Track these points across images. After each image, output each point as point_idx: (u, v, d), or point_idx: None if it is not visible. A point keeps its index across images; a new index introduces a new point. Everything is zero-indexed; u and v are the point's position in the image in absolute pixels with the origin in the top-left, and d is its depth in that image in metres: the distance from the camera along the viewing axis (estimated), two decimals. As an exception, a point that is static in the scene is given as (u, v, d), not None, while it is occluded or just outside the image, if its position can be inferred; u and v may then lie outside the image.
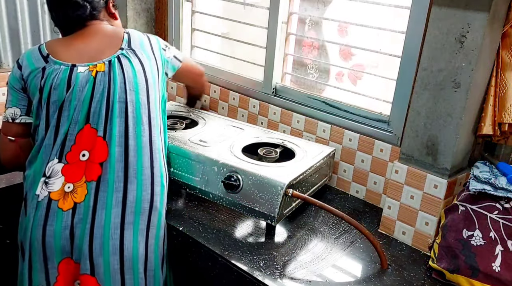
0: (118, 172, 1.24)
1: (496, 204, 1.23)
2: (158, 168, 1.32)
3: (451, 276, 1.27)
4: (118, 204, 1.23)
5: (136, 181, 1.25)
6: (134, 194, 1.25)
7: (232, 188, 1.43)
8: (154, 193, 1.29)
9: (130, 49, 1.35)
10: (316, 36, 1.89)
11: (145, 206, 1.27)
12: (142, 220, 1.26)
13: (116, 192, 1.23)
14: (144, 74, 1.34)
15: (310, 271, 1.29)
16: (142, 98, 1.31)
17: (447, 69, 1.30)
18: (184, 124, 1.81)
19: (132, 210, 1.24)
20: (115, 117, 1.26)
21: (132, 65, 1.33)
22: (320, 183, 1.64)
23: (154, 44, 1.44)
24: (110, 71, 1.29)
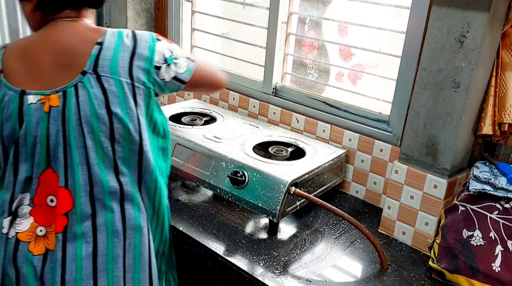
0: (85, 222, 1.10)
1: (496, 204, 1.23)
2: (131, 211, 1.14)
3: (451, 276, 1.27)
4: (88, 255, 1.10)
5: (105, 229, 1.11)
6: (105, 242, 1.11)
7: (238, 183, 1.47)
8: (127, 235, 1.13)
9: (94, 74, 1.07)
10: (316, 36, 1.89)
11: (118, 253, 1.13)
12: (117, 266, 1.13)
13: (86, 243, 1.10)
14: (107, 109, 1.07)
15: (310, 271, 1.29)
16: (104, 141, 1.08)
17: (447, 69, 1.30)
18: (203, 121, 1.87)
19: (104, 258, 1.11)
20: (76, 165, 1.08)
21: (92, 98, 1.06)
22: (329, 184, 1.65)
23: (138, 61, 1.11)
24: (64, 107, 1.06)
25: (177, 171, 1.64)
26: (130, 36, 1.13)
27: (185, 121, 1.84)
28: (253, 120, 1.93)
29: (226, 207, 1.57)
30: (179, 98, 2.33)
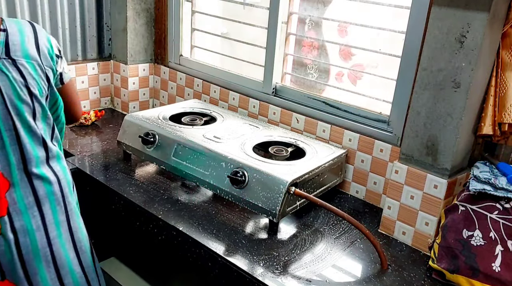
0: (28, 197, 1.18)
1: (496, 204, 1.23)
2: (64, 179, 1.27)
3: (451, 276, 1.27)
4: (38, 227, 1.20)
5: (48, 200, 1.22)
6: (50, 212, 1.22)
7: (238, 183, 1.47)
8: (67, 203, 1.27)
9: (8, 59, 1.12)
10: (316, 36, 1.89)
11: (62, 218, 1.25)
12: (63, 231, 1.25)
13: (33, 217, 1.19)
14: (27, 89, 1.15)
15: (310, 271, 1.29)
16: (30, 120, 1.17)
17: (447, 69, 1.30)
18: (203, 121, 1.87)
19: (53, 226, 1.23)
20: (8, 147, 1.15)
21: (13, 81, 1.13)
22: (329, 184, 1.65)
23: (42, 46, 1.20)
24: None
25: (177, 170, 1.64)
26: (28, 24, 1.22)
27: (185, 121, 1.84)
28: (253, 120, 1.93)
29: (226, 207, 1.57)
30: (179, 99, 2.33)
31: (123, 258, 1.83)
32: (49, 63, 1.21)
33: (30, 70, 1.16)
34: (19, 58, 1.14)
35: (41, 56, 1.19)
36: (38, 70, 1.18)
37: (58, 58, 1.26)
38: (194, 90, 2.26)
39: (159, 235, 1.49)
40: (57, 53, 1.25)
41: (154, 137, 1.70)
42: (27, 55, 1.16)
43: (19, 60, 1.14)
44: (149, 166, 1.82)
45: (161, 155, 1.69)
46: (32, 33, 1.19)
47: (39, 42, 1.20)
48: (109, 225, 1.74)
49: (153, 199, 1.57)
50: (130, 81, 2.33)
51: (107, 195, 1.64)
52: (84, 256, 1.31)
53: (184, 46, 2.31)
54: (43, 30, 1.24)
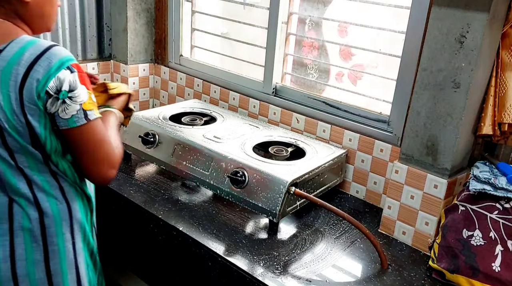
0: (3, 224, 1.09)
1: (496, 204, 1.23)
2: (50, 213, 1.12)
3: (451, 276, 1.27)
4: (6, 258, 1.10)
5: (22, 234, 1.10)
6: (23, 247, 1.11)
7: (238, 183, 1.47)
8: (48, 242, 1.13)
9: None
10: (316, 36, 1.90)
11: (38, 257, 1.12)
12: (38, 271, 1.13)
13: (2, 246, 1.09)
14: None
15: (310, 271, 1.29)
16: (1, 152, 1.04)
17: (447, 69, 1.30)
18: (203, 121, 1.87)
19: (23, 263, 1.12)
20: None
21: None
22: (329, 184, 1.65)
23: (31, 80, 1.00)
24: None
25: (177, 171, 1.64)
26: (39, 50, 1.02)
27: (185, 121, 1.84)
28: (253, 120, 1.93)
29: (227, 207, 1.57)
30: (179, 99, 2.33)
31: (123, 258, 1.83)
32: (32, 99, 1.00)
33: (1, 102, 1.00)
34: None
35: (23, 89, 1.00)
36: (12, 104, 1.00)
37: (51, 97, 1.02)
38: (194, 90, 2.26)
39: (159, 235, 1.49)
40: (52, 92, 1.01)
41: (154, 138, 1.70)
42: (5, 85, 0.99)
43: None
44: (149, 165, 1.82)
45: (161, 155, 1.69)
46: (30, 60, 1.00)
47: (31, 73, 1.00)
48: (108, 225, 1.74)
49: (154, 199, 1.57)
50: (130, 81, 2.34)
51: (107, 195, 1.64)
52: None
53: (184, 46, 2.31)
54: (54, 60, 1.02)
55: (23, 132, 1.03)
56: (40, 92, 1.01)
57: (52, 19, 1.17)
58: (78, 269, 1.19)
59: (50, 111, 1.03)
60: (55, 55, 1.02)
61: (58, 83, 1.01)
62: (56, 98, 1.02)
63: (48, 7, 1.13)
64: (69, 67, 1.03)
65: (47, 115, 1.04)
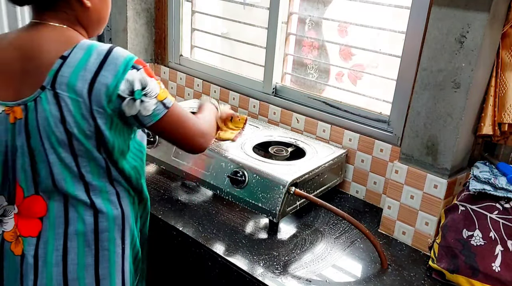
0: (58, 228, 1.10)
1: (496, 204, 1.23)
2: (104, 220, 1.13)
3: (451, 276, 1.27)
4: (58, 263, 1.11)
5: (76, 238, 1.11)
6: (75, 251, 1.12)
7: (238, 183, 1.47)
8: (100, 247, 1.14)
9: (51, 90, 1.00)
10: (316, 36, 1.90)
11: (89, 261, 1.13)
12: (88, 275, 1.13)
13: (56, 250, 1.10)
14: (63, 126, 1.02)
15: (310, 271, 1.29)
16: (66, 157, 1.05)
17: (447, 69, 1.30)
18: None
19: (75, 267, 1.12)
20: (44, 179, 1.07)
21: (49, 115, 1.01)
22: (329, 184, 1.65)
23: (99, 85, 1.01)
24: (27, 121, 1.03)
25: (177, 171, 1.64)
26: (101, 55, 1.02)
27: None
28: (253, 120, 1.93)
29: (226, 207, 1.57)
30: (179, 99, 2.33)
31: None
32: (101, 103, 1.01)
33: (70, 107, 1.01)
34: (62, 91, 1.00)
35: (91, 94, 1.01)
36: (82, 108, 1.01)
37: (125, 100, 1.03)
38: (194, 90, 2.26)
39: (159, 235, 1.49)
40: (124, 95, 1.02)
41: (154, 138, 1.70)
42: (73, 90, 1.00)
43: (61, 94, 1.00)
44: (149, 165, 1.82)
45: (161, 155, 1.69)
46: (96, 65, 1.01)
47: (98, 78, 1.01)
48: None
49: (153, 199, 1.57)
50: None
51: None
52: None
53: (184, 46, 2.31)
54: (119, 62, 1.02)
55: (91, 136, 1.04)
56: (111, 96, 1.01)
57: (106, 23, 1.20)
58: (124, 274, 1.19)
59: (131, 114, 1.05)
60: (118, 57, 1.03)
61: (128, 85, 1.02)
62: (132, 100, 1.03)
63: (105, 11, 1.17)
64: (134, 66, 1.04)
65: (114, 118, 1.05)
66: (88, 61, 1.01)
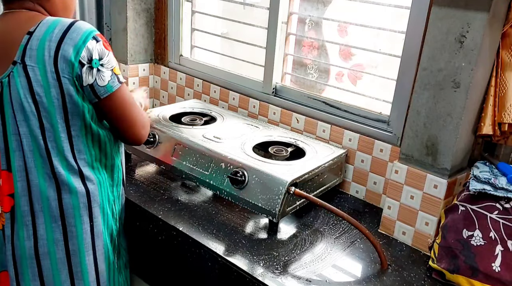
0: (24, 206, 1.18)
1: (496, 204, 1.23)
2: (68, 197, 1.20)
3: (451, 276, 1.27)
4: (29, 237, 1.19)
5: (42, 214, 1.19)
6: (43, 227, 1.19)
7: (238, 183, 1.46)
8: (67, 223, 1.21)
9: (21, 64, 1.09)
10: (316, 36, 1.90)
11: (58, 237, 1.21)
12: (58, 250, 1.21)
13: (25, 226, 1.19)
14: (33, 98, 1.11)
15: (310, 271, 1.29)
16: (35, 129, 1.13)
17: (447, 69, 1.30)
18: (203, 121, 1.87)
19: (44, 242, 1.20)
20: (12, 152, 1.15)
21: (18, 88, 1.10)
22: (329, 184, 1.65)
23: (63, 51, 1.09)
24: (1, 96, 1.12)
25: (177, 171, 1.64)
26: (64, 26, 1.11)
27: (185, 122, 1.84)
28: (253, 120, 1.93)
29: (226, 207, 1.57)
30: (179, 99, 2.33)
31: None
32: (65, 70, 1.10)
33: (38, 77, 1.10)
34: (31, 63, 1.09)
35: (57, 62, 1.09)
36: (48, 77, 1.10)
37: (84, 66, 1.11)
38: (194, 90, 2.26)
39: (159, 235, 1.49)
40: (84, 61, 1.11)
41: (154, 138, 1.70)
42: (40, 60, 1.09)
43: (30, 65, 1.09)
44: (149, 165, 1.82)
45: (161, 155, 1.69)
46: (59, 36, 1.10)
47: (62, 46, 1.09)
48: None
49: (153, 199, 1.57)
50: (130, 81, 2.34)
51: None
52: (79, 282, 1.26)
53: (184, 46, 2.31)
54: (83, 33, 1.11)
55: (58, 105, 1.12)
56: (74, 62, 1.10)
57: (73, 11, 1.29)
58: (95, 251, 1.27)
59: (88, 82, 1.13)
60: (80, 28, 1.12)
61: (88, 53, 1.11)
62: (90, 67, 1.12)
63: (69, 0, 1.26)
64: (95, 37, 1.14)
65: (80, 88, 1.13)
66: (53, 33, 1.10)
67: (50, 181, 1.17)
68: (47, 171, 1.16)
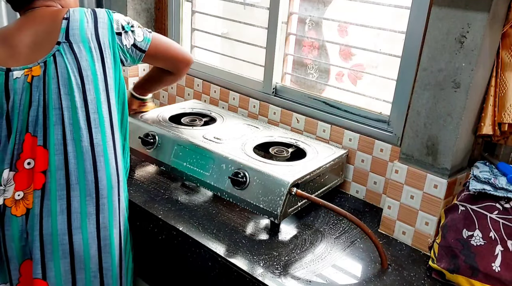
0: (60, 179, 1.22)
1: (496, 204, 1.23)
2: (103, 171, 1.27)
3: (451, 276, 1.27)
4: (62, 211, 1.22)
5: (78, 187, 1.23)
6: (78, 200, 1.23)
7: (239, 184, 1.46)
8: (100, 196, 1.26)
9: (67, 42, 1.22)
10: (316, 36, 1.90)
11: (91, 210, 1.25)
12: (90, 224, 1.25)
13: (59, 199, 1.22)
14: (79, 72, 1.23)
15: (310, 271, 1.29)
16: (78, 101, 1.23)
17: (447, 69, 1.30)
18: (203, 121, 1.87)
19: (78, 215, 1.24)
20: (52, 125, 1.21)
21: (66, 64, 1.22)
22: (330, 184, 1.65)
23: (101, 28, 1.27)
24: (45, 75, 1.21)
25: (177, 172, 1.64)
26: (89, 10, 1.29)
27: (185, 122, 1.84)
28: (253, 121, 1.93)
29: (227, 207, 1.57)
30: (179, 99, 2.33)
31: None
32: (106, 44, 1.28)
33: (84, 53, 1.23)
34: (76, 41, 1.23)
35: (98, 39, 1.26)
36: (93, 52, 1.25)
37: (121, 34, 1.32)
38: (194, 90, 2.26)
39: (159, 235, 1.49)
40: (119, 30, 1.31)
41: (153, 138, 1.70)
42: (84, 38, 1.24)
43: (75, 43, 1.22)
44: (149, 166, 1.82)
45: (161, 156, 1.69)
46: (91, 17, 1.27)
47: (98, 25, 1.27)
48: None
49: (154, 199, 1.58)
50: (130, 82, 2.33)
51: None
52: (106, 256, 1.30)
53: (184, 46, 2.31)
54: (105, 12, 1.31)
55: (101, 79, 1.27)
56: (113, 35, 1.29)
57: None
58: (120, 226, 1.34)
59: (130, 43, 1.34)
60: (101, 10, 1.31)
61: (118, 24, 1.32)
62: (125, 32, 1.33)
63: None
64: (112, 12, 1.34)
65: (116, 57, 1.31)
66: (86, 17, 1.27)
67: (87, 154, 1.23)
68: (86, 144, 1.23)
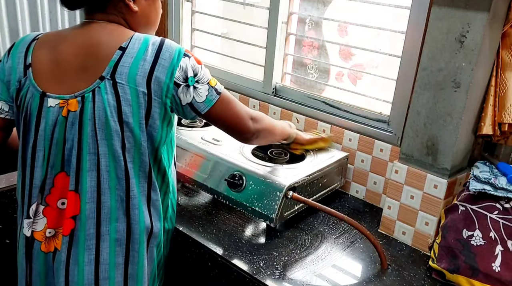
0: (90, 229, 1.10)
1: (496, 204, 1.23)
2: (136, 221, 1.13)
3: (451, 276, 1.27)
4: (90, 261, 1.12)
5: (108, 238, 1.12)
6: (108, 251, 1.13)
7: (235, 186, 1.45)
8: (131, 248, 1.15)
9: (111, 80, 1.04)
10: (316, 36, 1.90)
11: (119, 261, 1.14)
12: (118, 274, 1.14)
13: (87, 249, 1.11)
14: (119, 118, 1.06)
15: (310, 271, 1.29)
16: (116, 149, 1.07)
17: (447, 69, 1.30)
18: (202, 123, 1.85)
19: (106, 266, 1.13)
20: (85, 171, 1.08)
21: (106, 106, 1.04)
22: (330, 188, 1.64)
23: (158, 73, 1.06)
24: (82, 113, 1.06)
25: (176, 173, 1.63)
26: (156, 45, 1.08)
27: (185, 123, 1.83)
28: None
29: (227, 207, 1.57)
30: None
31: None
32: (158, 92, 1.06)
33: (128, 96, 1.05)
34: (122, 81, 1.04)
35: (150, 84, 1.05)
36: (140, 98, 1.05)
37: (180, 87, 1.08)
38: (194, 90, 2.25)
39: (159, 235, 1.49)
40: (180, 81, 1.07)
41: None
42: (132, 80, 1.04)
43: (120, 83, 1.04)
44: (149, 166, 1.82)
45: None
46: (153, 56, 1.06)
47: (156, 67, 1.06)
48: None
49: (153, 199, 1.57)
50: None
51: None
52: None
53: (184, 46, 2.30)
54: (174, 52, 1.08)
55: (143, 128, 1.08)
56: (169, 84, 1.07)
57: (156, 27, 1.25)
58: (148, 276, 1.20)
59: (187, 101, 1.10)
60: (171, 47, 1.09)
61: (182, 72, 1.08)
62: (186, 86, 1.09)
63: (154, 16, 1.21)
64: (186, 54, 1.10)
65: (167, 109, 1.10)
66: (146, 52, 1.06)
67: (121, 204, 1.11)
68: (121, 193, 1.10)
